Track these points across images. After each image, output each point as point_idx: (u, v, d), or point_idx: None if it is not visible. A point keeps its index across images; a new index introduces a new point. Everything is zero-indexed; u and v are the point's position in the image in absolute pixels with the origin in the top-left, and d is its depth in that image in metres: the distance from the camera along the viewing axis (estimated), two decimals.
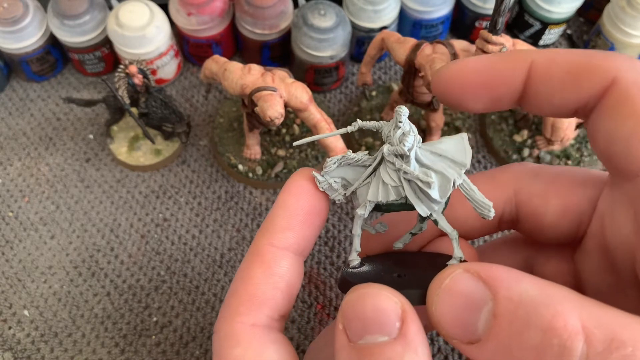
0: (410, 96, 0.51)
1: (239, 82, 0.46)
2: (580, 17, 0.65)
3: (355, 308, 0.22)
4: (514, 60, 0.26)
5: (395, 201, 0.25)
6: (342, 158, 0.26)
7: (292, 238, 0.26)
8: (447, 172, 0.24)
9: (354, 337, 0.22)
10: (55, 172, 0.55)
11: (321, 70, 0.56)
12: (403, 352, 0.21)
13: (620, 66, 0.24)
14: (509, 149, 0.55)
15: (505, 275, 0.21)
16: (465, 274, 0.21)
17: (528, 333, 0.19)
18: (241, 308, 0.24)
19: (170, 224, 0.52)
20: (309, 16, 0.54)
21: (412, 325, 0.22)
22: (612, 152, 0.24)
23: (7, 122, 0.58)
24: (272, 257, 0.25)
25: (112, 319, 0.48)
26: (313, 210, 0.26)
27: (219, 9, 0.56)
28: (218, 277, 0.50)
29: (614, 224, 0.25)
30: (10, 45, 0.55)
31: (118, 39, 0.55)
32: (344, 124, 0.58)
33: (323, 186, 0.26)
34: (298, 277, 0.26)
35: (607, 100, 0.24)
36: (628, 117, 0.23)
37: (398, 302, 0.22)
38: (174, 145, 0.55)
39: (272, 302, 0.25)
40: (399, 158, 0.24)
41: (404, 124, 0.24)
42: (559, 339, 0.19)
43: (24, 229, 0.52)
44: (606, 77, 0.24)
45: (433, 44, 0.47)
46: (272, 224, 0.26)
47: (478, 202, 0.24)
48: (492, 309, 0.20)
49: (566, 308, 0.19)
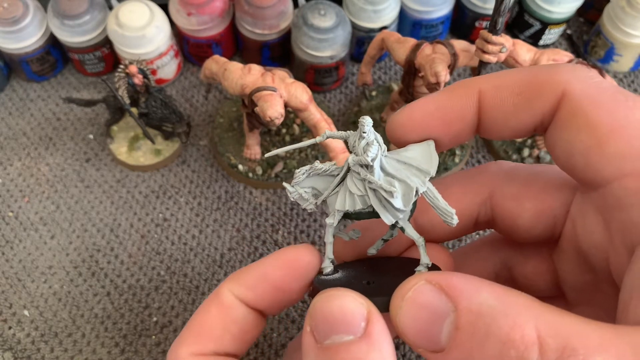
0: (410, 96, 0.51)
1: (239, 82, 0.46)
2: (580, 17, 0.65)
3: (322, 310, 0.23)
4: (461, 94, 0.26)
5: (363, 210, 0.25)
6: (310, 168, 0.26)
7: (252, 297, 0.27)
8: (411, 180, 0.24)
9: (320, 337, 0.23)
10: (55, 172, 0.55)
11: (321, 70, 0.56)
12: (368, 350, 0.22)
13: (568, 78, 0.24)
14: (508, 149, 0.55)
15: (466, 285, 0.21)
16: (427, 285, 0.22)
17: (488, 344, 0.20)
18: (189, 339, 0.26)
19: (170, 224, 0.52)
20: (309, 16, 0.54)
21: (377, 325, 0.22)
22: (572, 165, 0.24)
23: (7, 122, 0.58)
24: (231, 303, 0.27)
25: (112, 319, 0.48)
26: (284, 283, 0.27)
27: (219, 9, 0.56)
28: (218, 277, 0.50)
29: (585, 228, 0.26)
30: (10, 45, 0.55)
31: (118, 39, 0.55)
32: (344, 123, 0.58)
33: (294, 196, 0.27)
34: (254, 329, 0.27)
35: (560, 114, 0.24)
36: (582, 129, 0.23)
37: (363, 304, 0.23)
38: (174, 145, 0.55)
39: (219, 341, 0.26)
40: (363, 168, 0.25)
41: (368, 134, 0.24)
42: (516, 350, 0.19)
43: (24, 229, 0.52)
44: (555, 91, 0.24)
45: (433, 44, 0.47)
46: (242, 274, 0.27)
47: (441, 209, 0.25)
48: (454, 321, 0.21)
49: (523, 318, 0.20)
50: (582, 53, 0.62)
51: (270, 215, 0.53)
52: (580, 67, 0.25)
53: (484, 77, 0.26)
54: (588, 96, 0.23)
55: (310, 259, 0.27)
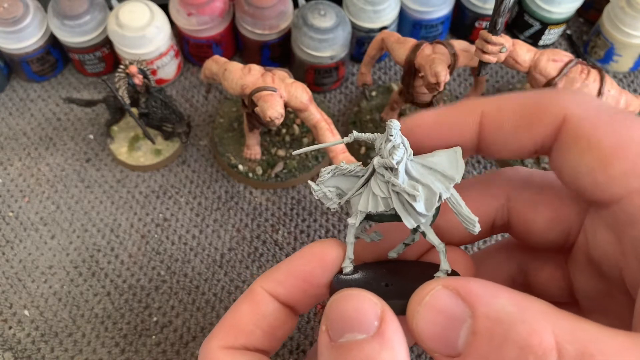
0: (410, 96, 0.51)
1: (239, 82, 0.46)
2: (580, 17, 0.65)
3: (337, 309, 0.23)
4: (463, 112, 0.27)
5: (385, 212, 0.25)
6: (335, 168, 0.26)
7: (282, 292, 0.27)
8: (435, 185, 0.24)
9: (335, 336, 0.23)
10: (55, 172, 0.55)
11: (321, 70, 0.56)
12: (380, 349, 0.22)
13: (568, 104, 0.25)
14: None
15: (483, 291, 0.21)
16: (444, 290, 0.22)
17: (506, 350, 0.20)
18: (220, 334, 0.27)
19: (170, 224, 0.52)
20: (309, 16, 0.54)
21: (390, 325, 0.22)
22: (579, 186, 0.25)
23: (7, 122, 0.58)
24: (262, 299, 0.27)
25: (112, 319, 0.48)
26: (312, 277, 0.27)
27: (219, 9, 0.56)
28: (218, 277, 0.50)
29: (597, 242, 0.26)
30: (11, 46, 0.55)
31: (118, 39, 0.55)
32: (344, 124, 0.58)
33: (318, 195, 0.27)
34: (284, 325, 0.28)
35: (563, 138, 0.25)
36: (585, 151, 0.24)
37: (378, 304, 0.23)
38: (174, 145, 0.55)
39: (249, 336, 0.27)
40: (388, 170, 0.25)
41: (395, 137, 0.25)
42: (535, 355, 0.19)
43: (24, 229, 0.52)
44: (556, 117, 0.25)
45: (433, 44, 0.47)
46: (273, 270, 0.28)
47: (464, 216, 0.25)
48: (471, 326, 0.21)
49: (541, 325, 0.20)
50: (582, 53, 0.62)
51: (270, 215, 0.53)
52: (580, 92, 0.26)
53: (488, 99, 0.27)
54: (588, 119, 0.24)
55: (337, 253, 0.27)
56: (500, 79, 0.61)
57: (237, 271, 0.50)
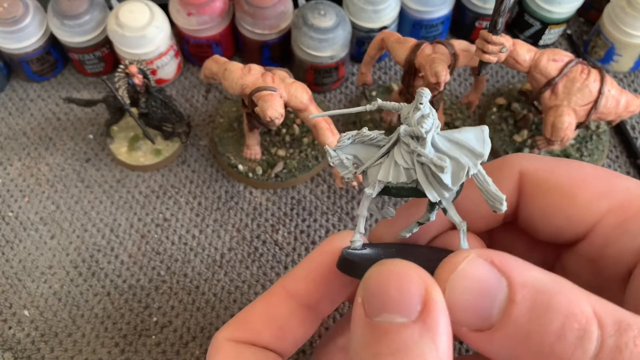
0: (410, 96, 0.51)
1: (239, 82, 0.46)
2: (580, 17, 0.65)
3: (378, 283, 0.21)
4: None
5: (405, 184, 0.24)
6: (357, 134, 0.25)
7: (304, 288, 0.27)
8: (463, 159, 0.23)
9: (371, 312, 0.21)
10: (55, 172, 0.55)
11: (321, 70, 0.56)
12: (420, 337, 0.20)
13: (521, 160, 0.28)
14: (508, 149, 0.55)
15: (516, 263, 0.21)
16: (479, 259, 0.21)
17: (549, 318, 0.20)
18: (231, 327, 0.27)
19: (170, 224, 0.52)
20: (309, 16, 0.54)
21: (434, 309, 0.20)
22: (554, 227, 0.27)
23: (7, 122, 0.58)
24: (277, 301, 0.27)
25: (112, 319, 0.48)
26: (332, 268, 0.26)
27: (219, 9, 0.56)
28: (218, 277, 0.50)
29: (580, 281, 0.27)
30: (10, 45, 0.55)
31: (118, 39, 0.55)
32: (344, 124, 0.58)
33: (334, 161, 0.25)
34: (298, 328, 0.27)
35: (526, 190, 0.28)
36: (549, 192, 0.27)
37: (423, 282, 0.21)
38: (174, 145, 0.55)
39: (258, 334, 0.27)
40: (414, 140, 0.24)
41: (425, 107, 0.23)
42: (579, 323, 0.19)
43: (24, 228, 0.52)
44: (513, 171, 0.28)
45: (433, 44, 0.47)
46: (292, 271, 0.28)
47: (492, 194, 0.24)
48: (508, 295, 0.20)
49: (577, 295, 0.20)
50: (582, 53, 0.62)
51: (270, 215, 0.53)
52: (529, 154, 0.29)
53: None
54: (542, 168, 0.27)
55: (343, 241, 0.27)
56: (501, 79, 0.61)
57: (237, 271, 0.50)
